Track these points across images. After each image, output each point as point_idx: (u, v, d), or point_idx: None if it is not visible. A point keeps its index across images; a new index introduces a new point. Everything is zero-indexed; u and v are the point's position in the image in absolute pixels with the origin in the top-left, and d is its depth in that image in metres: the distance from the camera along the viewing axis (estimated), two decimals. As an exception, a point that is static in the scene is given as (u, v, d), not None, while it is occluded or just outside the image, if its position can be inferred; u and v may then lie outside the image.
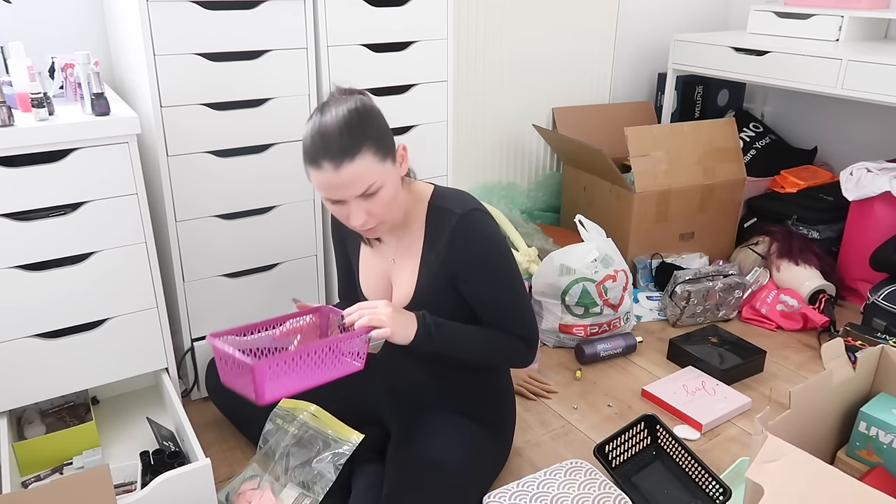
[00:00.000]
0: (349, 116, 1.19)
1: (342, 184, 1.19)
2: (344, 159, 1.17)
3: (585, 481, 1.48)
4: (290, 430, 1.44)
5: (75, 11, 1.79)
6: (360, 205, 1.23)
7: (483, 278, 1.32)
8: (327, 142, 1.18)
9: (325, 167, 1.18)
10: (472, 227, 1.30)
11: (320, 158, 1.18)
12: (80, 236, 1.42)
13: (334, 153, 1.17)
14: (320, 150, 1.18)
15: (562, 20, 2.65)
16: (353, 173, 1.18)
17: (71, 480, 1.18)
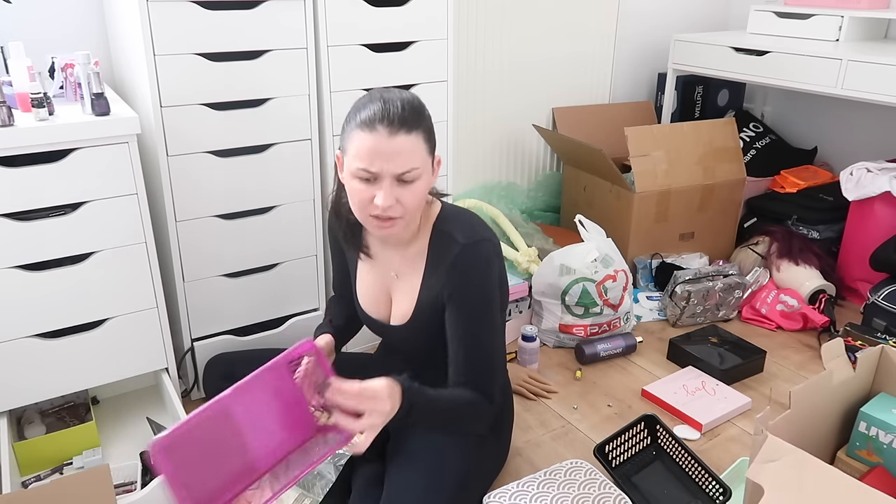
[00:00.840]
0: (413, 99, 1.21)
1: (391, 152, 1.17)
2: (402, 129, 1.17)
3: (585, 481, 1.48)
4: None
5: (75, 11, 1.79)
6: (393, 187, 1.20)
7: (469, 315, 1.30)
8: (390, 109, 1.17)
9: (379, 131, 1.16)
10: (472, 258, 1.29)
11: (377, 122, 1.16)
12: (80, 236, 1.42)
13: (394, 120, 1.16)
14: (380, 114, 1.17)
15: (562, 20, 2.65)
16: (404, 146, 1.17)
17: (71, 480, 1.18)
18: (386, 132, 1.16)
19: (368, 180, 1.19)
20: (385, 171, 1.18)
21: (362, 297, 1.46)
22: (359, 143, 1.18)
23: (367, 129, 1.17)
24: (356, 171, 1.20)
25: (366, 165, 1.18)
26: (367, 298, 1.45)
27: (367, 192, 1.20)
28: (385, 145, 1.16)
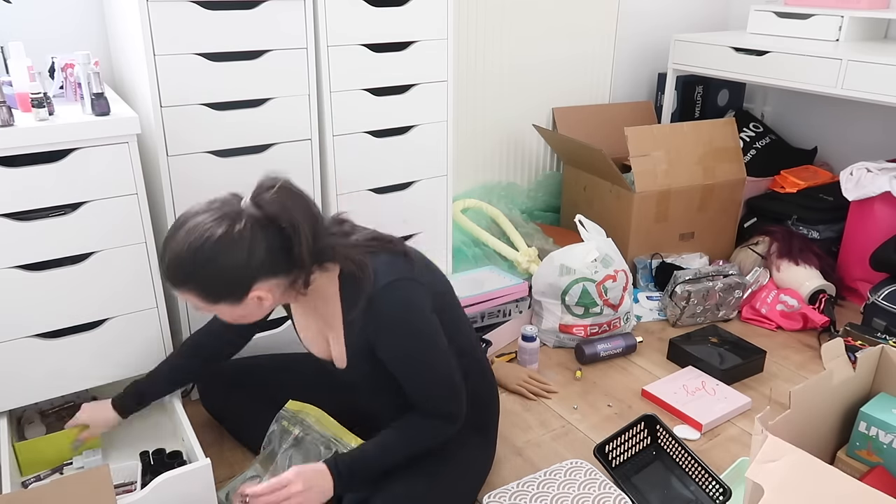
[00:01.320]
0: (185, 254, 1.14)
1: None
2: (169, 284, 1.19)
3: (585, 481, 1.48)
4: (294, 432, 1.44)
5: (75, 11, 1.79)
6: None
7: (397, 353, 1.27)
8: (160, 263, 1.21)
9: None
10: (384, 298, 1.23)
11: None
12: (80, 236, 1.42)
13: (164, 275, 1.20)
14: (159, 261, 1.21)
15: (562, 20, 2.65)
16: (181, 296, 1.21)
17: (71, 480, 1.18)
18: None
19: None
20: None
21: (303, 338, 1.44)
22: None
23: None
24: None
25: None
26: (306, 339, 1.43)
27: None
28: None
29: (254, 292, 1.18)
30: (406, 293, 1.26)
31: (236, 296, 1.18)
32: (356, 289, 1.24)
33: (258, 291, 1.19)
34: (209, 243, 1.13)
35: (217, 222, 1.14)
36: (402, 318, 1.25)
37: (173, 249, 1.15)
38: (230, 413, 1.64)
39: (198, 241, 1.13)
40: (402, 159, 1.89)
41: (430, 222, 2.01)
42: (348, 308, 1.28)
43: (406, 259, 1.30)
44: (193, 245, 1.13)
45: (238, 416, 1.63)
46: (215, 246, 1.13)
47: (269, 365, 1.65)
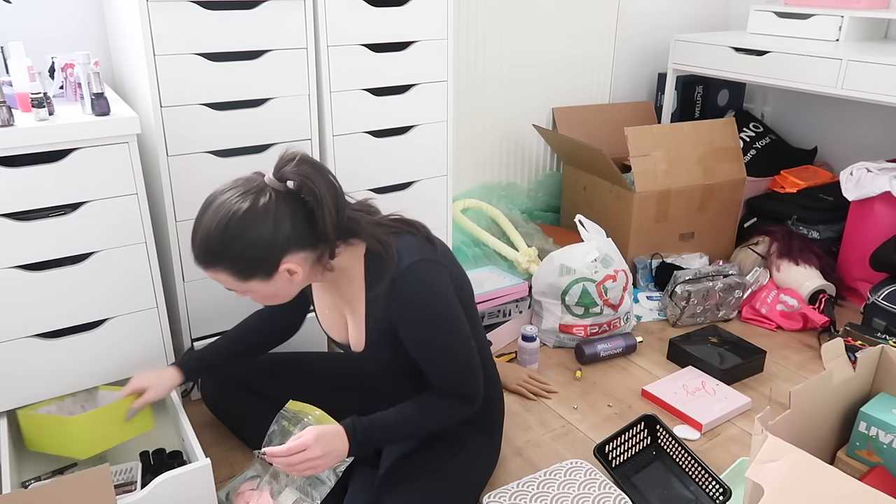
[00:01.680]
0: (214, 232, 1.15)
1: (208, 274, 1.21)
2: (201, 265, 1.20)
3: (585, 481, 1.48)
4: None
5: (75, 11, 1.79)
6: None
7: (419, 334, 1.27)
8: (192, 245, 1.20)
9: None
10: (408, 279, 1.23)
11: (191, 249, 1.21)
12: (80, 236, 1.42)
13: (195, 257, 1.20)
14: (191, 244, 1.20)
15: (562, 20, 2.65)
16: (213, 276, 1.21)
17: (71, 480, 1.18)
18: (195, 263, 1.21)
19: None
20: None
21: (322, 319, 1.45)
22: None
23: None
24: None
25: None
26: (325, 320, 1.44)
27: None
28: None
29: (283, 265, 1.19)
30: (430, 275, 1.26)
31: (267, 271, 1.19)
32: (380, 268, 1.25)
33: (288, 264, 1.19)
34: (235, 218, 1.14)
35: (242, 198, 1.15)
36: (425, 300, 1.25)
37: (202, 229, 1.17)
38: (231, 412, 1.65)
39: (225, 218, 1.14)
40: (402, 159, 1.89)
41: (430, 222, 1.98)
42: (371, 287, 1.28)
43: (429, 242, 1.31)
44: (221, 222, 1.14)
45: (239, 415, 1.63)
46: (241, 220, 1.14)
47: (271, 364, 1.65)
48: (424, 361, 1.30)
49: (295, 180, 1.18)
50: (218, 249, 1.16)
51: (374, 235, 1.26)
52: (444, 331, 1.28)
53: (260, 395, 1.59)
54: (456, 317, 1.29)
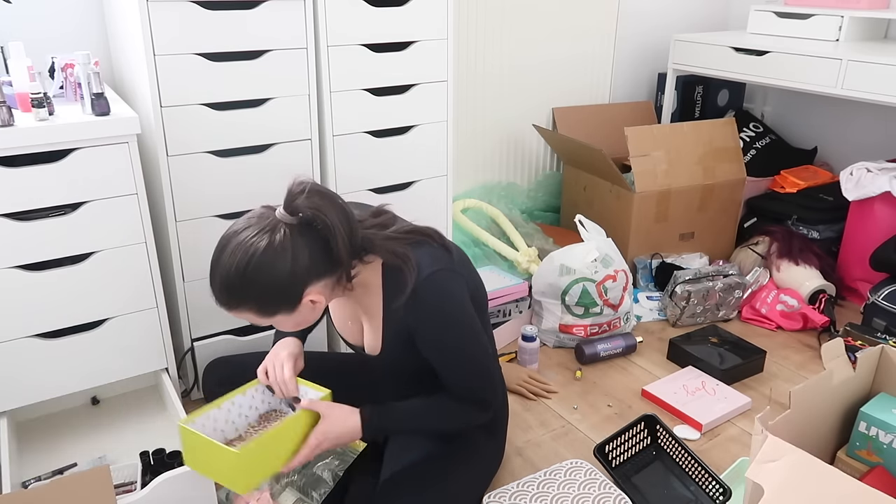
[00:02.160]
0: (234, 275, 1.14)
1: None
2: (224, 307, 1.18)
3: (585, 481, 1.48)
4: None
5: (75, 11, 1.79)
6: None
7: (437, 343, 1.28)
8: (212, 288, 1.18)
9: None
10: (429, 294, 1.24)
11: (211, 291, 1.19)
12: (80, 236, 1.42)
13: (217, 299, 1.18)
14: (211, 286, 1.18)
15: (562, 20, 2.65)
16: (237, 316, 1.20)
17: (71, 480, 1.18)
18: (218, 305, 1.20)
19: None
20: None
21: (338, 325, 1.45)
22: None
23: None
24: None
25: None
26: (341, 326, 1.44)
27: None
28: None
29: (306, 297, 1.19)
30: (447, 284, 1.27)
31: (290, 305, 1.19)
32: (399, 280, 1.25)
33: (310, 296, 1.19)
34: (254, 260, 1.13)
35: (258, 237, 1.15)
36: (442, 309, 1.26)
37: (221, 273, 1.16)
38: None
39: (243, 260, 1.13)
40: (402, 159, 1.89)
41: (430, 222, 1.98)
42: (391, 298, 1.28)
43: (446, 251, 1.32)
44: (240, 265, 1.14)
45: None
46: (260, 260, 1.14)
47: None
48: (442, 368, 1.31)
49: (306, 213, 1.17)
50: (240, 291, 1.16)
51: (389, 250, 1.26)
52: (463, 338, 1.29)
53: None
54: (474, 324, 1.31)
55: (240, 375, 1.61)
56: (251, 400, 1.36)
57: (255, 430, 1.34)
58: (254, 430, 1.34)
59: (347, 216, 1.21)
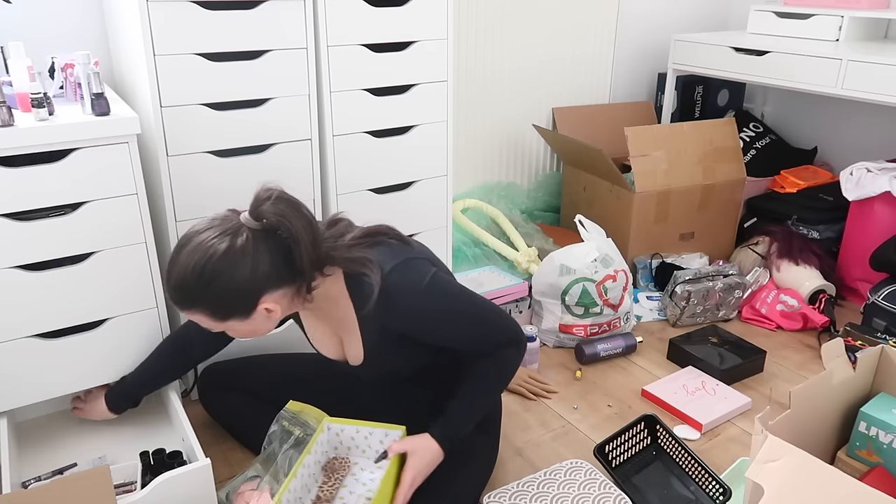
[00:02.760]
0: (190, 275, 1.13)
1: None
2: (177, 306, 1.18)
3: (585, 481, 1.48)
4: (295, 433, 1.44)
5: (75, 11, 1.79)
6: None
7: (431, 326, 1.28)
8: (167, 286, 1.18)
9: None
10: (396, 282, 1.23)
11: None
12: (80, 236, 1.42)
13: (171, 298, 1.18)
14: (166, 284, 1.19)
15: (562, 20, 2.65)
16: (189, 317, 1.20)
17: (71, 480, 1.18)
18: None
19: None
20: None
21: (315, 343, 1.44)
22: None
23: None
24: None
25: None
26: (318, 344, 1.43)
27: None
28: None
29: (261, 305, 1.18)
30: (411, 270, 1.25)
31: (245, 311, 1.18)
32: (364, 284, 1.24)
33: (266, 304, 1.18)
34: (213, 260, 1.12)
35: (219, 238, 1.13)
36: (418, 297, 1.25)
37: (178, 272, 1.15)
38: (229, 414, 1.64)
39: (202, 260, 1.12)
40: (402, 159, 1.89)
41: (430, 222, 2.01)
42: (360, 305, 1.27)
43: (404, 244, 1.31)
44: (198, 265, 1.12)
45: (238, 416, 1.63)
46: (219, 262, 1.12)
47: (270, 365, 1.65)
48: (453, 339, 1.31)
49: (271, 219, 1.16)
50: (195, 292, 1.15)
51: (349, 258, 1.24)
52: (452, 304, 1.29)
53: (258, 397, 1.59)
54: (455, 287, 1.30)
55: (236, 380, 1.62)
56: (315, 455, 1.36)
57: (328, 486, 1.33)
58: (327, 487, 1.33)
59: (312, 227, 1.20)
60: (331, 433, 1.39)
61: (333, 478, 1.35)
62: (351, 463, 1.39)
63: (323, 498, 1.31)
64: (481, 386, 1.35)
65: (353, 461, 1.39)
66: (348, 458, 1.40)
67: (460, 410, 1.33)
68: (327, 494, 1.31)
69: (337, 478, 1.35)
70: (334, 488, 1.33)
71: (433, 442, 1.29)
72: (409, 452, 1.27)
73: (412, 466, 1.26)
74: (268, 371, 1.63)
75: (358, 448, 1.40)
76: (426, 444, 1.28)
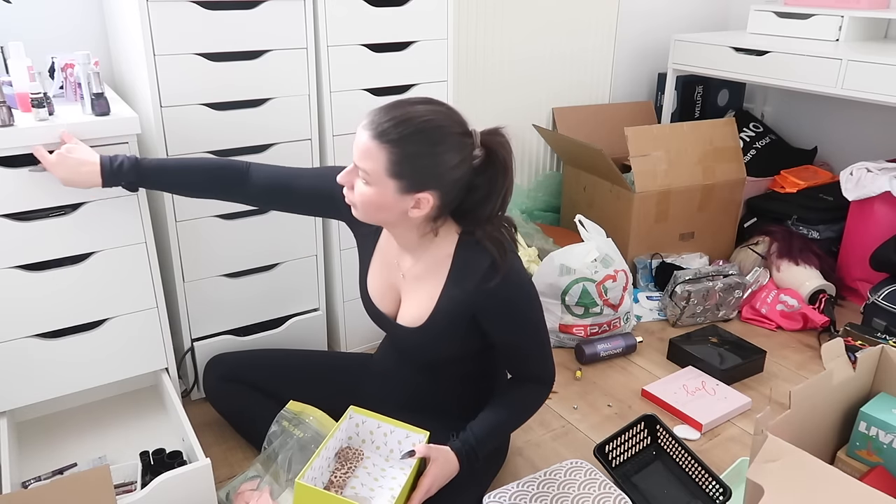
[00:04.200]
0: (418, 120, 1.16)
1: (358, 144, 1.20)
2: (371, 132, 1.17)
3: (585, 481, 1.48)
4: (296, 434, 1.44)
5: (75, 11, 1.79)
6: (353, 173, 1.23)
7: (510, 327, 1.33)
8: (384, 113, 1.18)
9: (363, 125, 1.20)
10: (508, 276, 1.27)
11: (365, 118, 1.20)
12: (80, 236, 1.42)
13: (378, 125, 1.17)
14: (373, 114, 1.19)
15: (562, 20, 2.65)
16: (367, 147, 1.18)
17: (71, 480, 1.18)
18: (363, 128, 1.19)
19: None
20: (354, 157, 1.22)
21: (372, 290, 1.44)
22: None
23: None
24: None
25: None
26: (376, 293, 1.44)
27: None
28: (360, 135, 1.19)
29: (426, 193, 1.20)
30: (525, 274, 1.33)
31: (410, 185, 1.19)
32: (480, 255, 1.28)
33: (430, 194, 1.20)
34: (442, 130, 1.17)
35: (458, 125, 1.19)
36: (519, 296, 1.31)
37: (410, 112, 1.17)
38: (232, 407, 1.63)
39: (435, 120, 1.17)
40: (402, 159, 1.89)
41: (430, 222, 2.00)
42: (458, 274, 1.30)
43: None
44: (432, 121, 1.16)
45: (240, 411, 1.62)
46: (444, 134, 1.17)
47: (275, 359, 1.65)
48: (514, 354, 1.38)
49: (495, 149, 1.22)
50: (408, 134, 1.16)
51: (493, 238, 1.29)
52: (537, 320, 1.35)
53: (261, 391, 1.59)
54: (541, 313, 1.37)
55: (240, 373, 1.62)
56: (336, 441, 1.37)
57: (341, 473, 1.34)
58: (340, 473, 1.34)
59: (507, 193, 1.26)
60: (351, 422, 1.40)
61: (346, 466, 1.35)
62: (364, 456, 1.39)
63: (335, 483, 1.32)
64: (507, 414, 1.39)
65: (365, 455, 1.40)
66: (361, 451, 1.40)
67: (483, 432, 1.34)
68: (340, 481, 1.32)
69: (350, 467, 1.35)
70: (346, 476, 1.34)
71: (454, 456, 1.31)
72: (431, 459, 1.28)
73: (432, 474, 1.27)
74: (273, 366, 1.63)
75: (373, 444, 1.40)
76: (448, 456, 1.30)
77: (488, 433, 1.35)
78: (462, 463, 1.31)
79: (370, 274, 1.44)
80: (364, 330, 1.96)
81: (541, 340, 1.37)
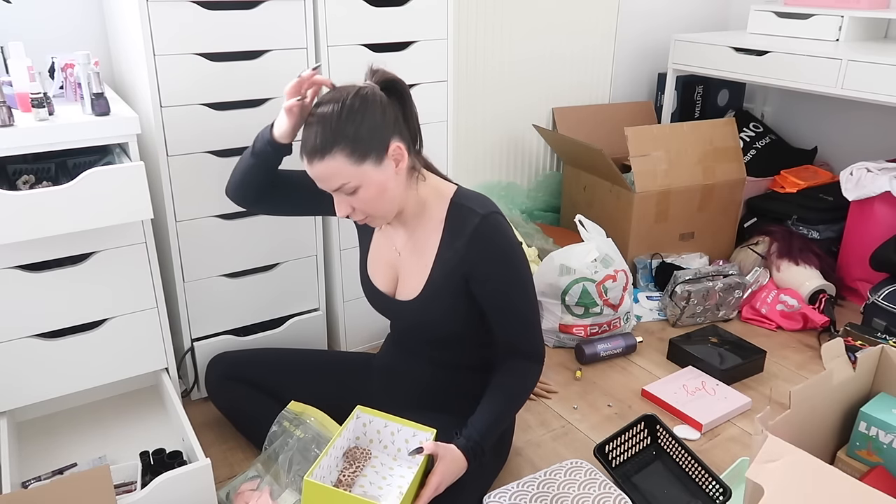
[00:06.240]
0: (330, 117, 1.21)
1: (319, 176, 1.25)
2: (315, 158, 1.23)
3: (585, 481, 1.48)
4: (296, 434, 1.44)
5: (75, 11, 1.79)
6: (343, 198, 1.27)
7: (501, 279, 1.34)
8: (307, 139, 1.23)
9: (305, 160, 1.25)
10: (494, 228, 1.32)
11: (301, 153, 1.25)
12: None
13: (308, 151, 1.23)
14: (302, 143, 1.24)
15: (562, 20, 2.65)
16: (325, 171, 1.23)
17: (71, 480, 1.18)
18: (307, 162, 1.24)
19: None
20: (324, 188, 1.27)
21: (372, 271, 1.47)
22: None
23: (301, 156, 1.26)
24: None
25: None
26: (376, 274, 1.46)
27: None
28: (314, 172, 1.25)
29: (393, 144, 1.25)
30: (508, 226, 1.35)
31: (378, 152, 1.24)
32: (468, 213, 1.32)
33: (396, 143, 1.25)
34: (349, 101, 1.21)
35: (349, 90, 1.24)
36: (509, 249, 1.34)
37: (317, 118, 1.22)
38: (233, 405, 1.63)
39: (339, 104, 1.22)
40: (402, 159, 1.89)
41: (430, 222, 2.00)
42: (450, 237, 1.33)
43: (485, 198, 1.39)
44: (336, 108, 1.21)
45: (241, 409, 1.62)
46: (354, 101, 1.22)
47: (277, 359, 1.64)
48: (503, 311, 1.37)
49: (387, 77, 1.29)
50: (336, 130, 1.21)
51: (442, 175, 1.36)
52: (523, 278, 1.37)
53: (263, 390, 1.59)
54: (526, 264, 1.38)
55: (242, 371, 1.62)
56: (343, 440, 1.36)
57: (349, 472, 1.34)
58: (349, 472, 1.34)
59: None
60: (359, 422, 1.39)
61: (354, 465, 1.35)
62: (371, 455, 1.39)
63: (344, 482, 1.31)
64: (504, 400, 1.38)
65: (373, 454, 1.40)
66: (369, 450, 1.40)
67: (484, 425, 1.34)
68: (348, 480, 1.32)
69: (358, 466, 1.35)
70: (355, 475, 1.34)
71: (460, 454, 1.31)
72: (439, 457, 1.28)
73: (440, 471, 1.27)
74: (275, 364, 1.63)
75: (381, 443, 1.40)
76: (455, 454, 1.30)
77: (490, 425, 1.34)
78: (469, 460, 1.30)
79: (370, 258, 1.48)
80: (364, 330, 1.96)
81: (529, 299, 1.38)
